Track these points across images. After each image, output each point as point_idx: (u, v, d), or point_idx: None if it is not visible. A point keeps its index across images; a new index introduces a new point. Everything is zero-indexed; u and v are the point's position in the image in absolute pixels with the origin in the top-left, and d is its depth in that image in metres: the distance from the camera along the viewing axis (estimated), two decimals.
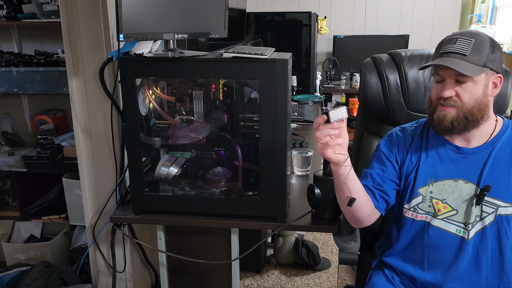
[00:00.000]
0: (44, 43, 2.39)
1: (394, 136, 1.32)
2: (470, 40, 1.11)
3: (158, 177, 1.45)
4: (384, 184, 1.25)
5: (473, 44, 1.10)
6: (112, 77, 1.54)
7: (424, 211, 1.22)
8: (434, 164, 1.23)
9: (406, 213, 1.26)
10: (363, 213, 1.22)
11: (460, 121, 1.13)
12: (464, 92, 1.12)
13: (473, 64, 1.09)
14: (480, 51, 1.10)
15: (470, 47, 1.10)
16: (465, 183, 1.19)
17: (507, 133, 1.20)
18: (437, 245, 1.20)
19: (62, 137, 2.17)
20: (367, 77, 1.58)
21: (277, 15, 3.43)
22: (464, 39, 1.11)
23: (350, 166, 1.11)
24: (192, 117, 1.44)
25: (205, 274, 1.64)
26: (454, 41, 1.12)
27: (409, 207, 1.25)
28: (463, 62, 1.09)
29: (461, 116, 1.13)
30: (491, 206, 1.16)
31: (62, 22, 1.52)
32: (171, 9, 1.32)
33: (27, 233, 2.38)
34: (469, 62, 1.09)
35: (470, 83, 1.11)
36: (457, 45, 1.11)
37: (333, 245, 2.70)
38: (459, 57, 1.10)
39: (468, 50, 1.10)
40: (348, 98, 4.15)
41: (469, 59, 1.09)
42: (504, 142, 1.18)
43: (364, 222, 1.26)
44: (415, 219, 1.24)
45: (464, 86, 1.11)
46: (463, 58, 1.10)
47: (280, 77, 1.24)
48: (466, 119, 1.13)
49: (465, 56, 1.10)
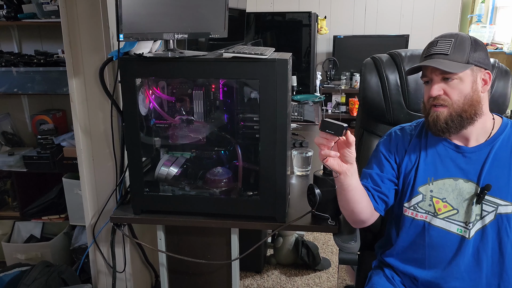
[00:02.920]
0: (44, 43, 2.39)
1: (393, 135, 1.33)
2: (450, 40, 1.16)
3: (158, 177, 1.45)
4: (383, 184, 1.27)
5: (454, 44, 1.15)
6: (112, 77, 1.54)
7: (424, 210, 1.22)
8: (434, 163, 1.24)
9: (406, 212, 1.26)
10: (362, 215, 1.24)
11: (454, 119, 1.16)
12: (451, 89, 1.15)
13: (456, 62, 1.13)
14: (462, 49, 1.14)
15: (451, 46, 1.14)
16: (465, 182, 1.20)
17: (506, 131, 1.21)
18: (438, 245, 1.20)
19: (62, 137, 2.17)
20: (367, 77, 1.58)
21: (277, 15, 3.44)
22: (445, 40, 1.16)
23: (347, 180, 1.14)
24: (192, 117, 1.44)
25: (205, 274, 1.64)
26: (435, 44, 1.17)
27: (409, 206, 1.25)
28: (446, 61, 1.13)
29: (454, 114, 1.15)
30: (491, 204, 1.16)
31: (62, 22, 1.52)
32: (171, 9, 1.32)
33: (27, 233, 2.38)
34: (452, 60, 1.13)
35: (457, 81, 1.14)
36: (438, 47, 1.16)
37: (333, 245, 2.70)
38: (441, 57, 1.14)
39: (449, 50, 1.14)
40: (348, 98, 4.16)
41: (451, 57, 1.14)
42: (503, 140, 1.19)
43: (364, 223, 1.28)
44: (414, 218, 1.24)
45: (451, 84, 1.14)
46: (445, 58, 1.14)
47: (280, 77, 1.24)
48: (460, 116, 1.15)
49: (447, 55, 1.14)
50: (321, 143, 1.11)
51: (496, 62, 1.48)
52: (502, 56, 3.31)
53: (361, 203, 1.21)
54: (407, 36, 4.09)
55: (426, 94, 1.20)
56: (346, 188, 1.16)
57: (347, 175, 1.13)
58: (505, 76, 1.47)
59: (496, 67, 1.47)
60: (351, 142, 1.10)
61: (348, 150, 1.11)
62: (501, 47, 3.44)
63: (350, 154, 1.11)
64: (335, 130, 1.08)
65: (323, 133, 1.10)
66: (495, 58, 1.52)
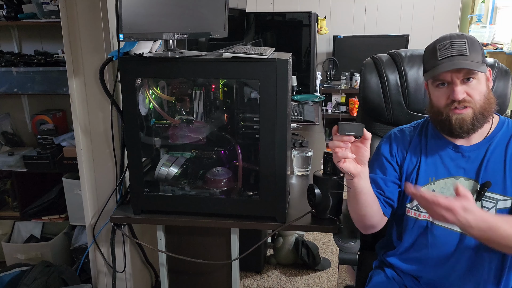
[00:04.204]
0: (44, 43, 2.39)
1: (392, 137, 1.34)
2: (463, 40, 1.14)
3: (158, 177, 1.45)
4: (387, 188, 1.27)
5: (468, 44, 1.14)
6: (112, 77, 1.54)
7: None
8: (435, 163, 1.24)
9: (408, 212, 1.26)
10: (374, 219, 1.24)
11: (479, 119, 1.16)
12: (472, 90, 1.14)
13: (476, 62, 1.12)
14: (476, 49, 1.14)
15: (467, 47, 1.13)
16: (465, 180, 1.21)
17: (503, 129, 1.22)
18: (441, 244, 1.21)
19: (62, 137, 2.17)
20: (367, 77, 1.58)
21: (277, 15, 3.43)
22: (458, 41, 1.15)
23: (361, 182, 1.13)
24: (192, 117, 1.44)
25: (205, 274, 1.64)
26: (449, 45, 1.15)
27: (412, 206, 1.26)
28: (468, 61, 1.12)
29: (478, 114, 1.15)
30: (490, 201, 1.17)
31: (62, 22, 1.52)
32: (171, 9, 1.32)
33: (27, 233, 2.38)
34: (471, 61, 1.12)
35: (475, 81, 1.14)
36: (454, 48, 1.14)
37: (333, 245, 2.70)
38: (462, 58, 1.12)
39: (467, 50, 1.13)
40: (348, 98, 4.15)
41: (470, 58, 1.12)
42: (500, 138, 1.20)
43: (374, 228, 1.28)
44: (418, 218, 1.25)
45: (471, 85, 1.14)
46: (466, 58, 1.12)
47: (280, 77, 1.24)
48: (483, 115, 1.16)
49: (467, 56, 1.12)
50: (338, 145, 1.09)
51: (496, 62, 1.48)
52: (502, 56, 3.31)
53: (373, 206, 1.22)
54: (407, 36, 4.08)
55: (442, 97, 1.17)
56: (360, 191, 1.15)
57: (361, 177, 1.13)
58: (505, 76, 1.47)
59: (496, 67, 1.47)
60: (368, 138, 1.09)
61: (364, 148, 1.10)
62: (501, 47, 3.44)
63: (366, 153, 1.10)
64: (356, 131, 1.06)
65: (339, 136, 1.08)
66: (495, 58, 1.52)
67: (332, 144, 1.10)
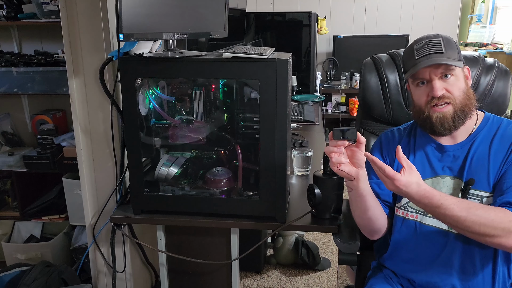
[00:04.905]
0: (44, 43, 2.39)
1: (382, 138, 1.36)
2: (439, 40, 1.17)
3: (158, 177, 1.45)
4: (382, 191, 1.28)
5: (443, 43, 1.16)
6: (112, 77, 1.54)
7: (414, 209, 1.24)
8: (422, 163, 1.25)
9: (397, 212, 1.28)
10: (379, 222, 1.25)
11: (460, 115, 1.17)
12: (451, 86, 1.16)
13: (453, 59, 1.15)
14: (452, 47, 1.16)
15: (442, 45, 1.16)
16: (451, 178, 1.21)
17: (487, 126, 1.22)
18: (431, 243, 1.21)
19: (62, 137, 2.17)
20: (367, 77, 1.58)
21: (277, 15, 3.44)
22: (433, 40, 1.17)
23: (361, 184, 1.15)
24: (192, 117, 1.44)
25: (205, 274, 1.65)
26: (425, 45, 1.17)
27: (400, 205, 1.27)
28: (445, 58, 1.14)
29: (458, 110, 1.16)
30: (476, 198, 1.17)
31: (62, 22, 1.52)
32: (171, 9, 1.32)
33: (27, 233, 2.38)
34: (448, 57, 1.14)
35: (453, 78, 1.16)
36: (430, 47, 1.16)
37: (333, 245, 2.70)
38: (439, 55, 1.15)
39: (442, 48, 1.15)
40: (348, 98, 4.16)
41: (447, 55, 1.15)
42: (484, 135, 1.21)
43: (380, 231, 1.29)
44: (405, 217, 1.26)
45: (449, 81, 1.16)
46: (442, 55, 1.15)
47: (280, 77, 1.24)
48: (463, 111, 1.17)
49: (443, 53, 1.15)
50: (332, 151, 1.11)
51: (496, 62, 1.48)
52: (502, 56, 3.31)
53: (376, 209, 1.23)
54: (407, 36, 4.09)
55: (422, 95, 1.19)
56: (361, 194, 1.16)
57: (360, 179, 1.14)
58: (505, 76, 1.47)
59: (496, 67, 1.47)
60: (362, 142, 1.10)
61: (359, 152, 1.11)
62: (501, 47, 3.44)
63: (362, 156, 1.11)
64: (350, 135, 1.09)
65: (334, 141, 1.10)
66: (495, 58, 1.52)
67: (328, 149, 1.13)
